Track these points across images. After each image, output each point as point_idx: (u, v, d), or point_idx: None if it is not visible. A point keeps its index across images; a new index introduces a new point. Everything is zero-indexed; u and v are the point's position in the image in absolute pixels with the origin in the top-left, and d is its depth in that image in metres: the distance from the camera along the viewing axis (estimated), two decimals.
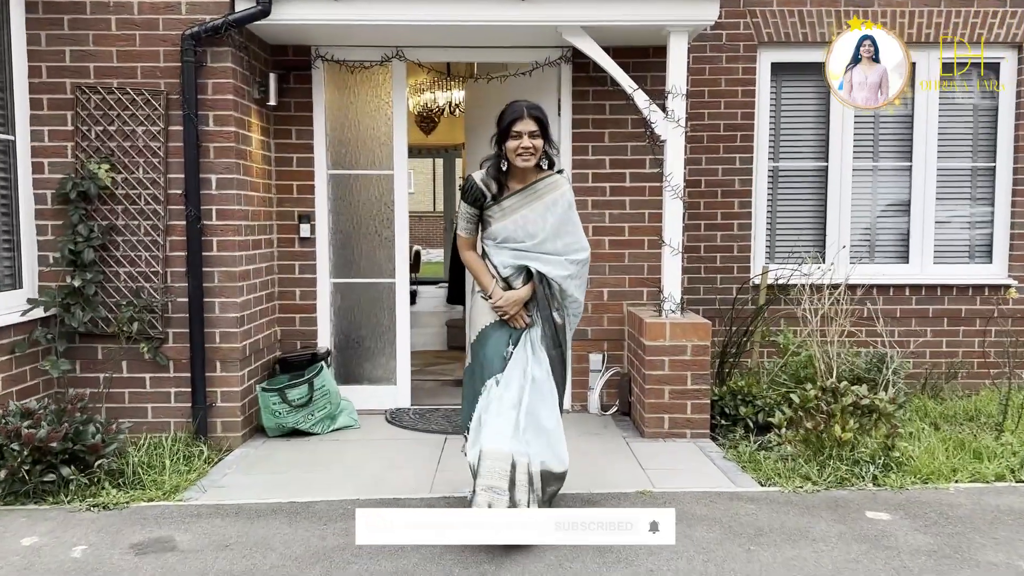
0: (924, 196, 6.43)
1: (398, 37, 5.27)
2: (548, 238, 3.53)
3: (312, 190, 5.56)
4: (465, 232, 3.67)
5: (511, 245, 3.57)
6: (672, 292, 5.09)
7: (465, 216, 3.64)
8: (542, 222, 3.52)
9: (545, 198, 3.53)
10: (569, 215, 3.59)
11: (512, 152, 3.45)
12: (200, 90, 4.71)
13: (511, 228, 3.53)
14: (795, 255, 6.28)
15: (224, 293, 4.83)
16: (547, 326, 3.56)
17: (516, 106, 3.45)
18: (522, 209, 3.53)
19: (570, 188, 3.62)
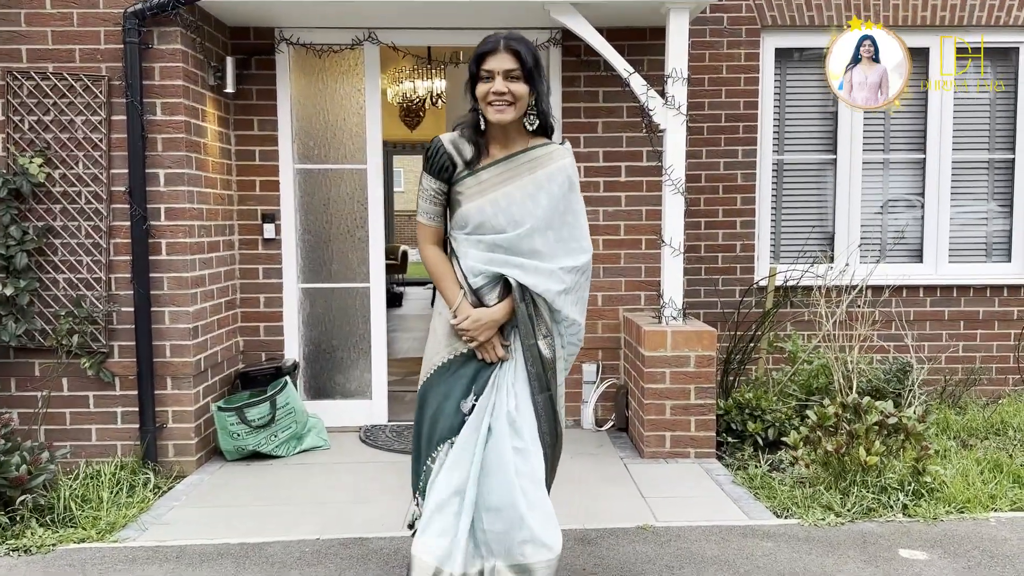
0: (939, 191, 6.00)
1: (370, 17, 4.78)
2: (537, 228, 2.49)
3: (277, 186, 5.06)
4: (427, 218, 2.60)
5: (486, 236, 2.50)
6: (673, 297, 4.63)
7: (428, 195, 2.57)
8: (531, 204, 2.49)
9: (537, 172, 2.52)
10: (570, 199, 2.56)
11: (482, 100, 2.45)
12: (146, 75, 4.21)
13: (488, 210, 2.49)
14: (803, 255, 5.83)
15: (175, 301, 4.33)
16: (530, 361, 2.51)
17: (490, 38, 2.48)
18: (504, 185, 2.50)
19: (573, 163, 2.60)
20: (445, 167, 2.52)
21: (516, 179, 2.50)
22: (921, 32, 5.82)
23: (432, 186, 2.56)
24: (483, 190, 2.51)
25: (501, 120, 2.43)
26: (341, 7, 4.55)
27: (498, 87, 2.41)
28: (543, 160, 2.53)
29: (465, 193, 2.52)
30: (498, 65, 2.41)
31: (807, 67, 5.94)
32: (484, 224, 2.50)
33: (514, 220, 2.49)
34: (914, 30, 5.79)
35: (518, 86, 2.43)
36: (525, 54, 2.43)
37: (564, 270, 2.54)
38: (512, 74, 2.42)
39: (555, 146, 2.58)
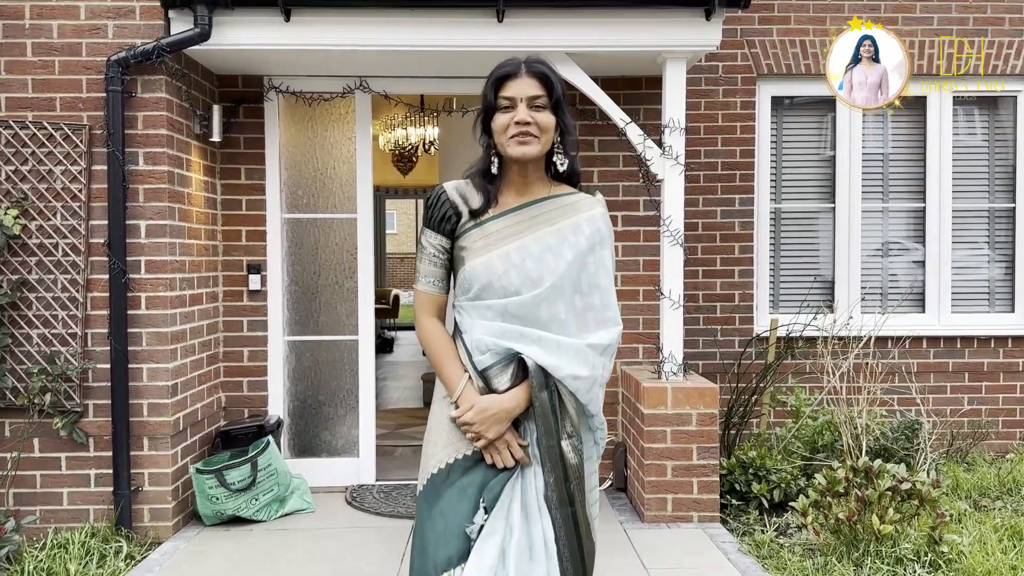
0: (939, 240, 5.90)
1: (362, 66, 4.69)
2: (561, 289, 2.02)
3: (263, 236, 4.91)
4: (427, 283, 2.13)
5: (495, 301, 2.03)
6: (673, 351, 4.47)
7: (429, 254, 2.12)
8: (552, 258, 2.03)
9: (560, 222, 2.07)
10: (602, 256, 2.10)
11: (501, 132, 2.04)
12: (128, 124, 4.08)
13: (497, 266, 2.03)
14: (804, 305, 5.70)
15: (154, 357, 4.14)
16: (551, 467, 2.00)
17: (508, 60, 2.09)
18: (519, 236, 2.05)
19: (607, 215, 2.16)
20: (448, 217, 2.08)
21: (534, 230, 2.05)
22: (918, 81, 5.76)
23: (433, 242, 2.10)
24: (492, 243, 2.04)
25: (525, 155, 2.01)
26: (332, 56, 4.45)
27: (522, 115, 2.00)
28: (568, 210, 2.08)
29: (470, 248, 2.06)
30: (521, 91, 2.02)
31: (804, 115, 5.88)
32: (492, 284, 2.02)
33: (530, 278, 2.01)
34: (912, 78, 5.74)
35: (544, 116, 2.02)
36: (553, 79, 2.05)
37: (594, 349, 2.03)
38: (537, 102, 2.02)
39: (583, 195, 2.14)
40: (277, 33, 4.17)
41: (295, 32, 4.18)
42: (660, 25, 4.26)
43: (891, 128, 5.88)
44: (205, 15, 3.99)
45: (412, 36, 4.20)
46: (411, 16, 4.15)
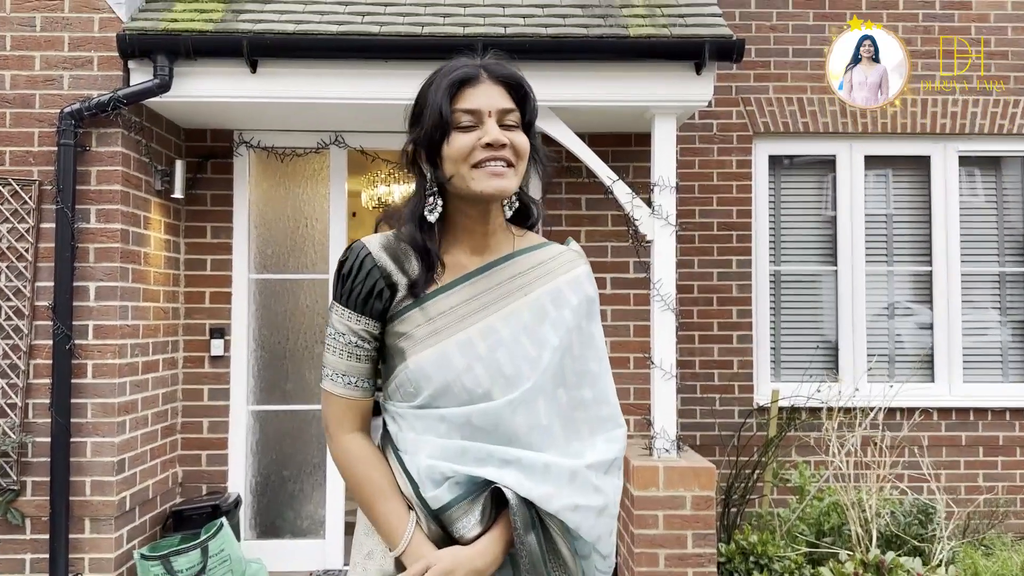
0: (948, 305, 5.59)
1: (336, 120, 4.46)
2: (543, 387, 1.47)
3: (228, 298, 4.62)
4: (343, 383, 1.52)
5: (454, 410, 1.46)
6: (666, 426, 4.12)
7: (347, 344, 1.51)
8: (531, 345, 1.49)
9: (536, 290, 1.53)
10: (592, 334, 1.57)
11: (460, 160, 1.46)
12: (81, 179, 3.82)
13: (459, 362, 1.46)
14: (807, 372, 5.36)
15: (99, 431, 3.81)
16: None
17: (460, 60, 1.53)
18: (482, 314, 1.49)
19: (591, 274, 1.63)
20: (378, 292, 1.47)
21: (502, 303, 1.49)
22: (921, 140, 5.54)
23: (355, 327, 1.48)
24: (445, 326, 1.46)
25: (503, 191, 1.46)
26: (304, 110, 4.23)
27: (495, 135, 1.44)
28: (543, 270, 1.55)
29: (412, 335, 1.46)
30: (488, 102, 1.47)
31: (802, 175, 5.64)
32: (451, 388, 1.44)
33: (504, 375, 1.45)
34: (914, 138, 5.52)
35: (520, 137, 1.49)
36: (528, 88, 1.53)
37: (595, 469, 1.48)
38: (509, 118, 1.49)
39: (558, 247, 1.62)
40: (243, 85, 3.94)
41: (262, 84, 3.95)
42: (648, 80, 4.03)
43: (894, 188, 5.62)
44: (165, 66, 3.77)
45: (384, 89, 3.97)
46: (383, 68, 3.93)
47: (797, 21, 5.44)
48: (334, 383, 1.51)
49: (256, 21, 3.90)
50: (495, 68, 1.52)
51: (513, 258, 1.55)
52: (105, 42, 3.82)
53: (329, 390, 1.52)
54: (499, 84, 1.50)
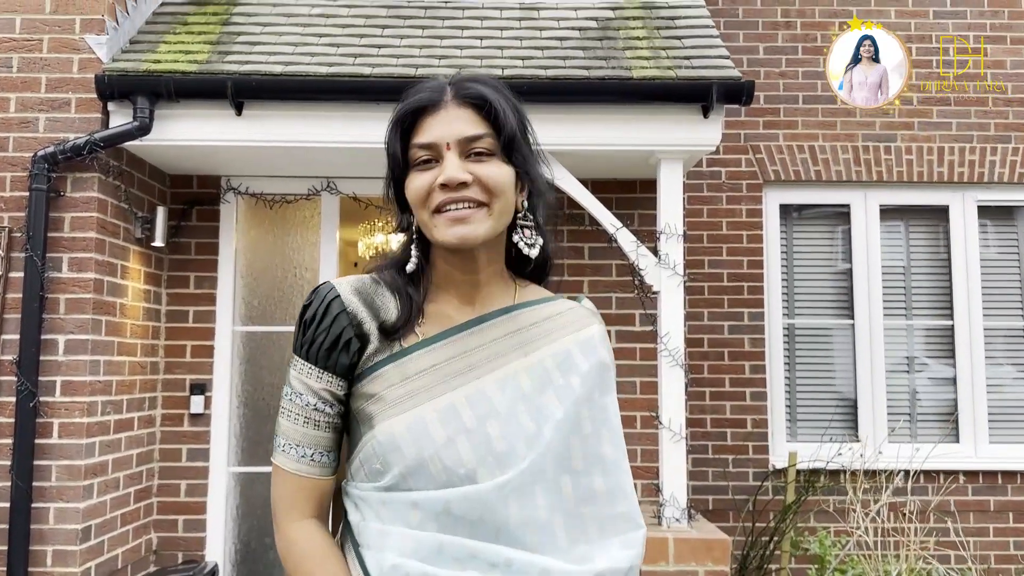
0: (971, 361, 5.30)
1: (328, 165, 4.27)
2: (542, 471, 1.19)
3: (211, 352, 4.37)
4: (297, 456, 1.26)
5: (433, 494, 1.17)
6: (676, 493, 3.82)
7: (305, 406, 1.26)
8: (530, 419, 1.22)
9: (539, 350, 1.27)
10: (603, 407, 1.28)
11: (419, 204, 1.23)
12: (53, 226, 3.62)
13: (438, 433, 1.18)
14: (825, 432, 5.06)
15: (64, 495, 3.54)
16: None
17: (424, 83, 1.28)
18: (472, 377, 1.23)
19: (605, 335, 1.35)
20: (344, 343, 1.22)
21: (495, 364, 1.23)
22: (938, 189, 5.32)
23: (314, 385, 1.24)
24: (423, 388, 1.20)
25: (465, 240, 1.20)
26: (294, 154, 4.04)
27: (451, 172, 1.19)
28: (548, 327, 1.29)
29: (383, 398, 1.21)
30: (445, 131, 1.21)
31: (816, 225, 5.41)
32: (426, 465, 1.17)
33: (493, 453, 1.18)
34: (931, 187, 5.30)
35: (492, 168, 1.22)
36: (498, 101, 1.23)
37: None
38: (477, 145, 1.22)
39: (568, 302, 1.35)
40: (228, 128, 3.76)
41: (249, 127, 3.77)
42: (653, 123, 3.84)
43: (911, 239, 5.39)
44: (145, 108, 3.60)
45: (377, 133, 3.70)
46: (375, 111, 3.75)
47: (807, 67, 5.27)
48: (286, 455, 1.25)
49: (243, 62, 3.74)
50: (461, 87, 1.24)
51: (512, 312, 1.28)
52: (84, 83, 3.65)
53: (279, 464, 1.26)
54: (466, 106, 1.23)
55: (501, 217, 1.23)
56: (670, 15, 4.30)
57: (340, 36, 4.02)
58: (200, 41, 3.87)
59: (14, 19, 3.66)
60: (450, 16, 4.26)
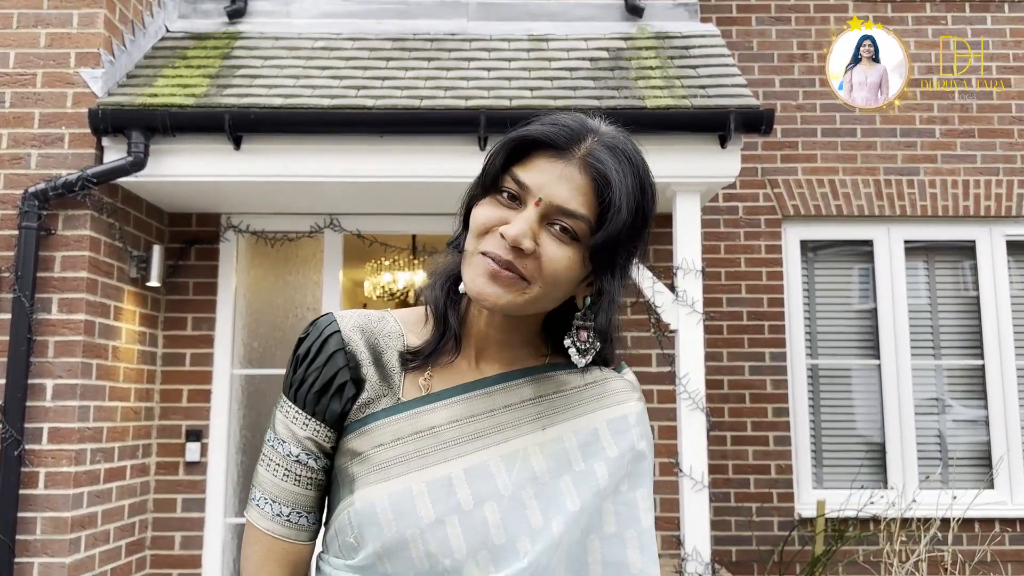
0: (1004, 403, 5.04)
1: (331, 201, 4.13)
2: (548, 570, 0.99)
3: (208, 396, 4.19)
4: (270, 517, 1.07)
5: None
6: (698, 546, 3.57)
7: (280, 458, 1.07)
8: (539, 509, 1.01)
9: (558, 425, 1.06)
10: (632, 503, 1.06)
11: (473, 234, 1.03)
12: (43, 266, 3.48)
13: (425, 511, 0.99)
14: (855, 480, 4.80)
15: (48, 550, 3.33)
16: None
17: (561, 118, 1.04)
18: (476, 445, 1.03)
19: (645, 416, 1.13)
20: (338, 387, 1.06)
21: (504, 435, 1.05)
22: (964, 224, 5.12)
23: (298, 433, 1.06)
24: (416, 454, 1.03)
25: (482, 298, 1.01)
26: (295, 190, 3.90)
27: (518, 229, 0.98)
28: (575, 399, 1.09)
29: (368, 459, 1.04)
30: (552, 186, 1.00)
31: (838, 261, 5.21)
32: (407, 546, 0.99)
33: (489, 544, 0.99)
34: (956, 221, 5.11)
35: (559, 251, 1.00)
36: (620, 196, 0.99)
37: None
38: (566, 220, 1.00)
39: (603, 370, 1.13)
40: (226, 163, 3.63)
41: (248, 162, 3.64)
42: (668, 154, 3.67)
43: (938, 276, 5.17)
44: (140, 143, 3.47)
45: (381, 167, 3.64)
46: (379, 144, 3.61)
47: (825, 100, 5.13)
48: (260, 511, 1.06)
49: (242, 95, 3.63)
50: (596, 152, 1.00)
51: (534, 374, 1.08)
52: (78, 118, 3.54)
53: (252, 520, 1.07)
54: (587, 174, 1.00)
55: (537, 303, 1.02)
56: (684, 44, 4.18)
57: (343, 68, 3.91)
58: (199, 75, 3.76)
59: (8, 53, 3.57)
60: (457, 48, 4.15)
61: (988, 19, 5.19)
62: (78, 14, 3.59)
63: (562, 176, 0.99)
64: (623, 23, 4.39)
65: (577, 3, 4.41)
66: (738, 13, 5.18)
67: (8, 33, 3.59)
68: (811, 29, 5.16)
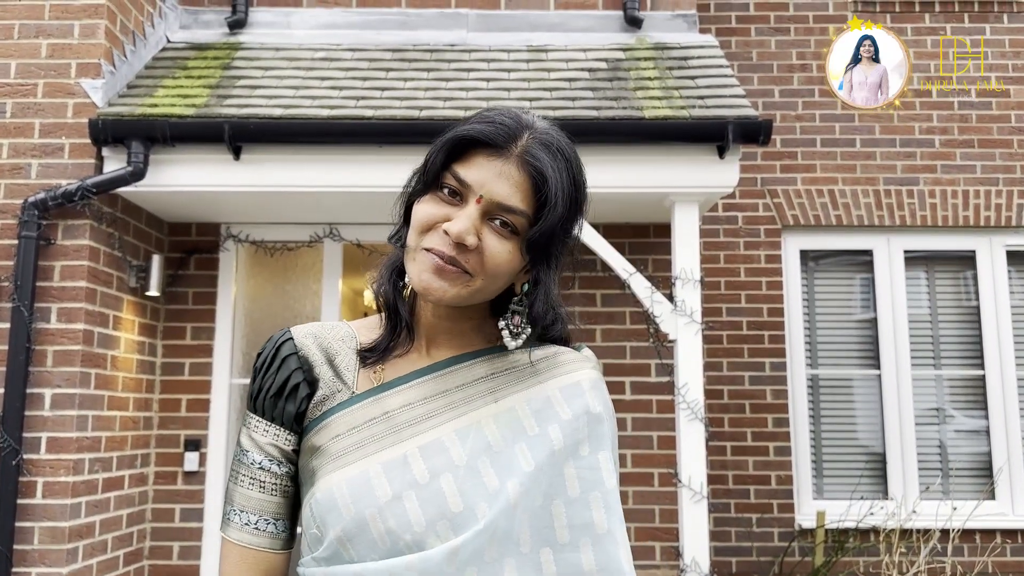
0: (1005, 414, 5.03)
1: (331, 211, 4.14)
2: (513, 535, 1.00)
3: (207, 406, 4.20)
4: (238, 527, 1.07)
5: (374, 566, 0.98)
6: (697, 557, 3.56)
7: (246, 468, 1.09)
8: (495, 473, 1.02)
9: (511, 396, 1.08)
10: (594, 465, 1.06)
11: (416, 231, 1.05)
12: (43, 275, 3.48)
13: (382, 489, 1.01)
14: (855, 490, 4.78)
15: (46, 560, 3.33)
16: None
17: (497, 114, 1.06)
18: (431, 423, 1.05)
19: (601, 383, 1.13)
20: (291, 388, 1.08)
21: (458, 412, 1.07)
22: (964, 234, 5.12)
23: (259, 441, 1.08)
24: (371, 439, 1.04)
25: (429, 292, 1.03)
26: (296, 199, 3.92)
27: (460, 226, 1.01)
28: (527, 372, 1.10)
29: (326, 451, 1.05)
30: (488, 184, 1.03)
31: (838, 271, 5.20)
32: (367, 527, 0.99)
33: (446, 515, 1.00)
34: (956, 232, 5.11)
35: (500, 246, 1.03)
36: (556, 192, 1.03)
37: None
38: (506, 216, 1.03)
39: (556, 346, 1.14)
40: (226, 173, 3.64)
41: (247, 172, 3.65)
42: (666, 164, 3.69)
43: (938, 286, 5.17)
44: (140, 153, 3.48)
45: (380, 177, 3.65)
46: (378, 155, 3.62)
47: (824, 110, 5.14)
48: (229, 524, 1.08)
49: (242, 106, 3.64)
50: (531, 150, 1.04)
51: (486, 355, 1.11)
52: (78, 128, 3.55)
53: (225, 536, 1.08)
54: (525, 171, 1.03)
55: (480, 294, 1.06)
56: (682, 55, 4.19)
57: (343, 79, 3.93)
58: (199, 85, 3.78)
59: (9, 64, 3.58)
60: (456, 59, 4.17)
61: (987, 29, 5.20)
62: (79, 25, 3.61)
63: (501, 173, 1.03)
64: (622, 34, 4.41)
65: (576, 14, 4.43)
66: (737, 24, 5.20)
67: (9, 44, 3.61)
68: (810, 40, 5.17)
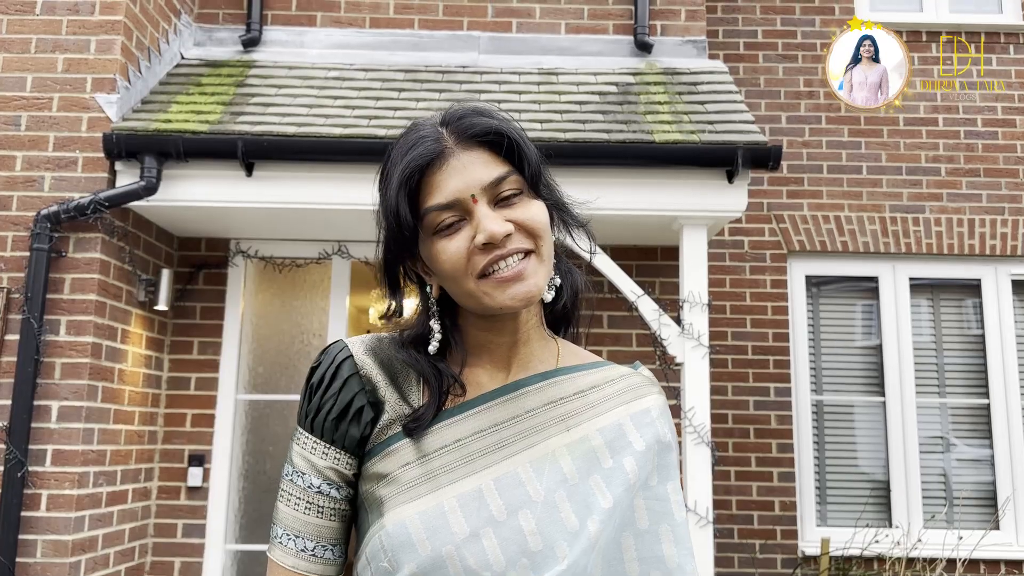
0: (1010, 443, 5.01)
1: (340, 228, 4.15)
2: (592, 567, 0.98)
3: (211, 421, 4.19)
4: (294, 554, 1.04)
5: None
6: None
7: (307, 488, 1.04)
8: (573, 510, 0.99)
9: (586, 425, 1.05)
10: (663, 496, 1.05)
11: (459, 274, 1.01)
12: (53, 288, 3.49)
13: (459, 526, 0.97)
14: (860, 517, 4.75)
15: (48, 573, 3.32)
16: None
17: (417, 128, 1.07)
18: (502, 454, 1.02)
19: (666, 407, 1.12)
20: (355, 412, 1.04)
21: (530, 442, 1.03)
22: (970, 263, 5.12)
23: (317, 463, 1.04)
24: (443, 470, 1.01)
25: (530, 298, 1.00)
26: (306, 216, 3.93)
27: (493, 227, 0.99)
28: (596, 397, 1.08)
29: (396, 480, 1.02)
30: (466, 182, 1.01)
31: (843, 297, 5.21)
32: (444, 565, 0.96)
33: (528, 551, 0.97)
34: (962, 260, 5.11)
35: (528, 209, 1.02)
36: (511, 131, 1.03)
37: None
38: (504, 188, 1.02)
39: (620, 368, 1.14)
40: (238, 189, 3.66)
41: (259, 189, 3.67)
42: (675, 188, 3.71)
43: (943, 314, 5.17)
44: (153, 168, 3.51)
45: None
46: None
47: (831, 137, 5.17)
48: (283, 549, 1.03)
49: (255, 123, 3.67)
50: (462, 127, 1.03)
51: (552, 377, 1.08)
52: (92, 142, 3.58)
53: (274, 559, 1.04)
54: (475, 147, 1.03)
55: (545, 266, 1.03)
56: (692, 80, 4.23)
57: (356, 98, 3.96)
58: (213, 102, 3.81)
59: (25, 78, 3.62)
60: (468, 80, 4.20)
61: (993, 60, 5.25)
62: (96, 40, 3.65)
63: (464, 167, 1.01)
64: (632, 58, 4.45)
65: (587, 38, 4.47)
66: (745, 50, 5.25)
67: (26, 58, 3.65)
68: (817, 67, 5.21)
